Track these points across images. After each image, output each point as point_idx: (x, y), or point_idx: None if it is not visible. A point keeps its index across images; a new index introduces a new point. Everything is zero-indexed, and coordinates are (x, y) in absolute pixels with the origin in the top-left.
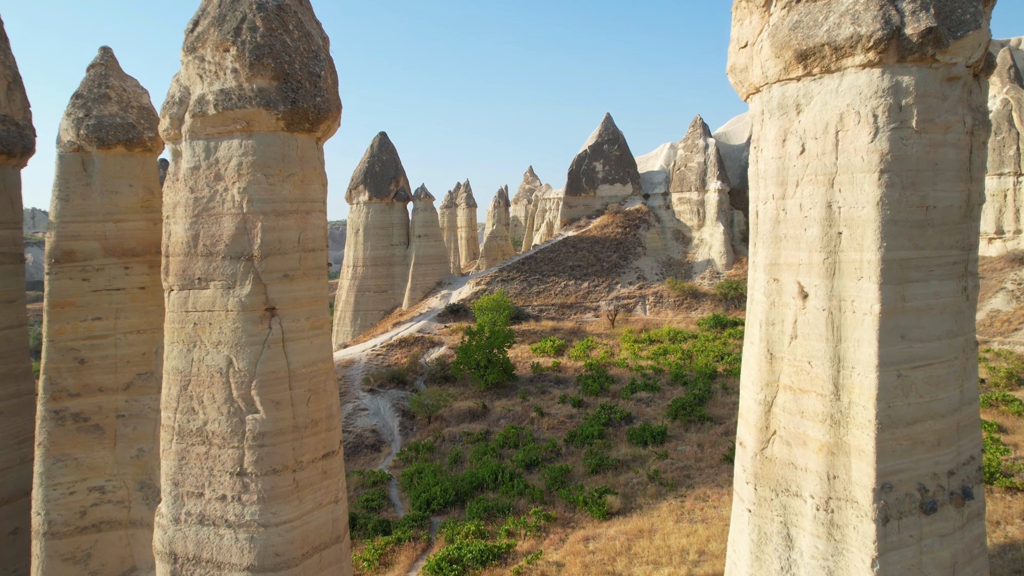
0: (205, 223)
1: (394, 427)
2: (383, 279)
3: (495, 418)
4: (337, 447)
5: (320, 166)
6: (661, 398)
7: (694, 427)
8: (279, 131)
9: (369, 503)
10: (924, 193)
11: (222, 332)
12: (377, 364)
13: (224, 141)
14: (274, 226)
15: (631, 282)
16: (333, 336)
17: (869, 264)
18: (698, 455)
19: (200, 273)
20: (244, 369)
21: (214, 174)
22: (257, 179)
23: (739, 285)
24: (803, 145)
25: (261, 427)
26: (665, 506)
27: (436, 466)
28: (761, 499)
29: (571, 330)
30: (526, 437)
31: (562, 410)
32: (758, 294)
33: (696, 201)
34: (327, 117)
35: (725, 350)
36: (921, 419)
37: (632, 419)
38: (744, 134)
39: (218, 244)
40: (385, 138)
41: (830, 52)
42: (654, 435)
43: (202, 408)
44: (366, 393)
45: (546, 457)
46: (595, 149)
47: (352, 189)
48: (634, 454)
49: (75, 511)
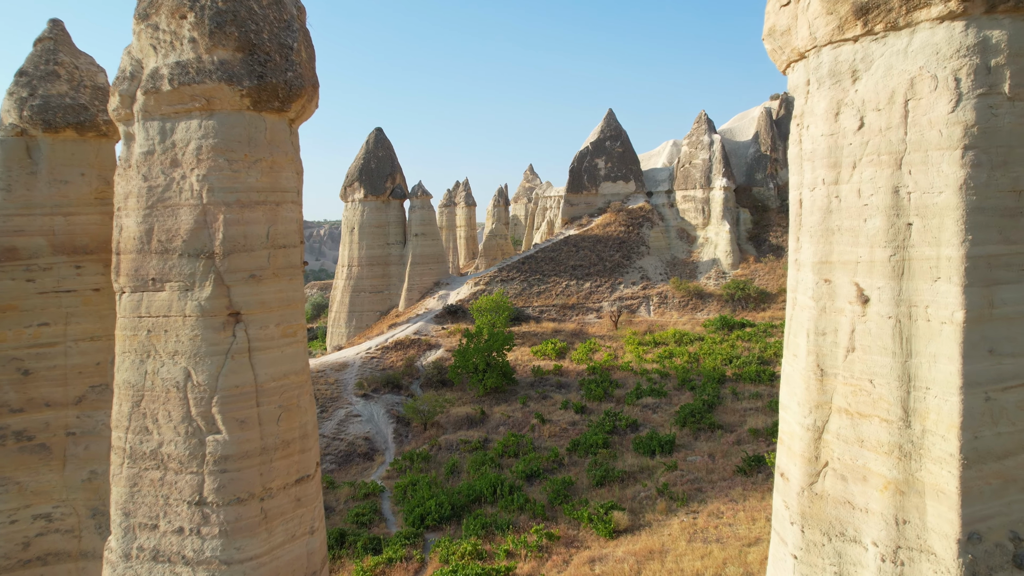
0: (160, 216)
1: (388, 434)
2: (379, 279)
3: (494, 425)
4: (313, 470)
5: (294, 152)
6: (668, 404)
7: (704, 435)
8: (244, 110)
9: (360, 518)
10: (1018, 174)
11: (179, 340)
12: (372, 367)
13: (182, 122)
14: (239, 219)
15: (634, 282)
16: (327, 338)
17: (949, 262)
18: (709, 466)
19: (154, 273)
20: (204, 383)
21: (170, 159)
22: (219, 165)
23: (746, 285)
24: (862, 119)
25: (223, 449)
26: (676, 523)
27: (431, 477)
28: (810, 544)
29: (573, 332)
30: (526, 445)
31: (564, 416)
32: (804, 298)
33: (701, 199)
34: (300, 95)
35: (733, 353)
36: (1014, 452)
37: (638, 426)
38: (749, 130)
39: (175, 240)
40: (381, 134)
41: (898, 3)
42: (662, 444)
43: (157, 428)
44: (359, 398)
45: (548, 468)
46: (597, 146)
47: (347, 186)
48: (641, 465)
49: (17, 542)
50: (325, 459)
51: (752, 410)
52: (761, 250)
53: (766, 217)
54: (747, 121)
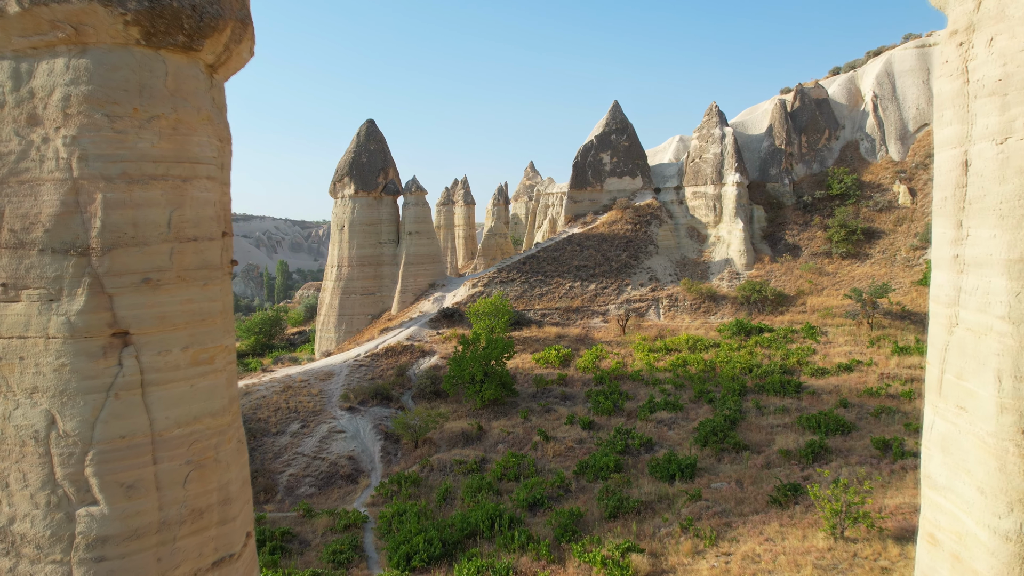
0: (13, 195)
1: (375, 453)
2: (370, 280)
3: (492, 442)
4: (239, 548)
5: (215, 110)
6: (685, 419)
7: (728, 457)
8: (132, 45)
9: (337, 556)
10: None
11: (39, 372)
12: (360, 377)
13: (43, 61)
14: (126, 200)
15: (643, 283)
16: (316, 343)
17: None
18: (738, 495)
19: (5, 276)
20: (75, 432)
21: (27, 115)
22: (95, 123)
23: (762, 287)
24: None
25: (101, 527)
26: (705, 570)
27: (421, 506)
28: None
29: (578, 337)
30: (528, 467)
31: (570, 433)
32: (983, 318)
33: (712, 195)
34: (217, 29)
35: (753, 361)
36: None
37: (653, 446)
38: (762, 123)
39: (33, 229)
40: (373, 126)
41: None
42: (682, 468)
43: (7, 496)
44: (345, 411)
45: (552, 495)
46: (602, 139)
47: (336, 182)
48: (659, 492)
49: None
50: (304, 482)
51: (780, 427)
52: (777, 249)
53: (781, 215)
54: (758, 114)
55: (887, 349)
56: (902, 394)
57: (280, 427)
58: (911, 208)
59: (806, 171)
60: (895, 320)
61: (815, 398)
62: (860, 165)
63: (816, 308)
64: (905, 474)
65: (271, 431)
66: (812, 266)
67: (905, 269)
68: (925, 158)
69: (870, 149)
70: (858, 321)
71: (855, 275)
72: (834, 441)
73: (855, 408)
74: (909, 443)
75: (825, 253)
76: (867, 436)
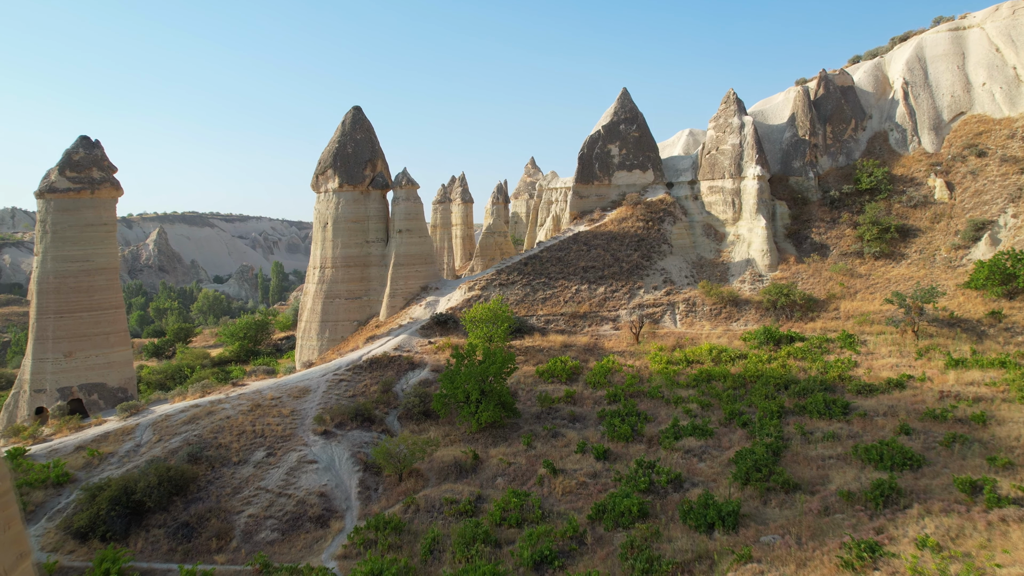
0: None
1: (351, 488)
2: (357, 283)
3: (490, 475)
4: None
5: None
6: (717, 447)
7: (775, 498)
8: None
9: None
10: None
11: None
12: (339, 393)
13: None
14: None
15: (656, 286)
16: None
17: None
18: (798, 556)
19: None
20: None
21: None
22: None
23: (790, 291)
24: None
25: None
26: None
27: (402, 564)
28: None
29: (586, 347)
30: (533, 509)
31: (582, 464)
32: None
33: (730, 190)
34: None
35: (788, 375)
36: None
37: (683, 483)
38: (783, 113)
39: None
40: (360, 113)
41: None
42: (722, 515)
43: None
44: (319, 436)
45: (564, 549)
46: (610, 130)
47: (319, 175)
48: (697, 549)
49: None
50: (265, 525)
51: (832, 459)
52: (802, 249)
53: (806, 211)
54: (779, 102)
55: (939, 362)
56: (972, 418)
57: (243, 455)
58: (949, 204)
59: (831, 164)
60: (943, 328)
61: (867, 421)
62: (890, 157)
63: (851, 314)
64: (1007, 527)
65: (232, 460)
66: (843, 267)
67: (947, 270)
68: (963, 149)
69: (900, 140)
70: (901, 329)
71: (891, 277)
72: (904, 480)
73: (920, 436)
74: (1004, 485)
75: (856, 253)
76: (944, 474)
